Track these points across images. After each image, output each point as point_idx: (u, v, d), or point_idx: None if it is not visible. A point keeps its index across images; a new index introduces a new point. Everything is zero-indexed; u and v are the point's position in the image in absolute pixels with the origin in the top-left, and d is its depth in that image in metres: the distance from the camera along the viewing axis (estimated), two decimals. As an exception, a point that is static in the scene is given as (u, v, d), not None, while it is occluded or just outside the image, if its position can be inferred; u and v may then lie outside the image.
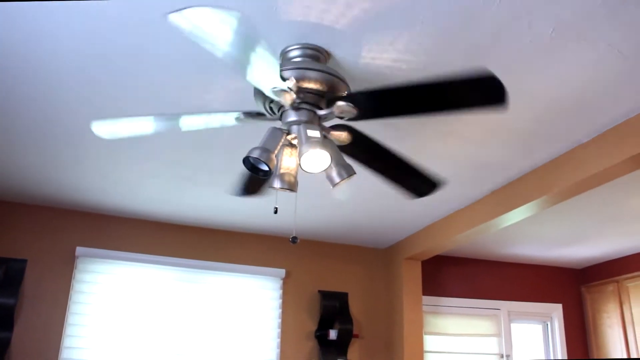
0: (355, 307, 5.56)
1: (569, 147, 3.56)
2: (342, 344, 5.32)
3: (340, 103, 2.31)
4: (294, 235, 4.00)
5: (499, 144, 3.49)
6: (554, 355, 6.43)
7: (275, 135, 2.38)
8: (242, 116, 2.43)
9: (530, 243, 5.72)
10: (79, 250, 4.79)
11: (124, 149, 3.63)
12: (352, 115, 2.37)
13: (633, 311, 5.96)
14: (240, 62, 2.00)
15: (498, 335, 6.14)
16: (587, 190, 3.70)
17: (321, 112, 2.38)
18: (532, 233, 5.37)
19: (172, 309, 4.94)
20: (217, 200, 4.54)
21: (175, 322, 4.92)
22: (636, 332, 5.90)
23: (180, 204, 4.64)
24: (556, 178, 3.69)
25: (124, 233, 4.99)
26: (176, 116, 2.39)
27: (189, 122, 2.43)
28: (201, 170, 3.95)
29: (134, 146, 3.58)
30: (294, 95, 2.26)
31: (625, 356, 5.99)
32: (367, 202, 4.52)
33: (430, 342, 5.75)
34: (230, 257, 5.25)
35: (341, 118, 2.41)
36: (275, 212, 2.60)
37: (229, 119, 2.43)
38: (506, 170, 3.92)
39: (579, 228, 5.25)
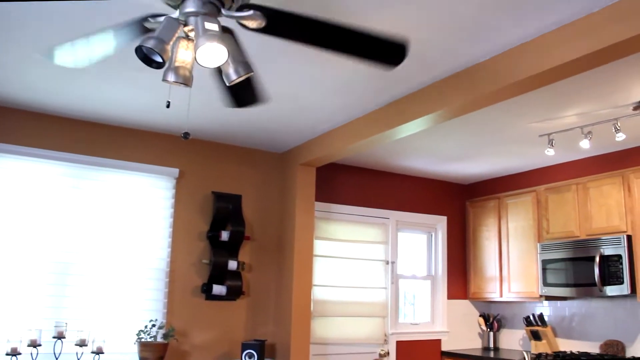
0: (248, 210, 5.60)
1: (467, 64, 3.63)
2: (234, 245, 5.38)
3: (252, 11, 2.23)
4: (186, 131, 3.86)
5: (400, 55, 3.50)
6: (435, 262, 6.82)
7: (171, 25, 2.25)
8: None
9: (421, 157, 5.91)
10: (-45, 137, 4.47)
11: (2, 29, 3.34)
12: (256, 26, 2.31)
13: (509, 226, 6.38)
14: None
15: (385, 242, 6.41)
16: (480, 108, 3.83)
17: (227, 12, 2.28)
18: (424, 147, 5.53)
19: (61, 206, 4.76)
20: (107, 93, 4.31)
21: (64, 219, 4.76)
22: (510, 245, 6.35)
23: (69, 95, 4.37)
24: (452, 94, 3.78)
25: (7, 124, 4.68)
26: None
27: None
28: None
29: (15, 27, 3.29)
30: None
31: (497, 266, 6.44)
32: (264, 105, 4.46)
33: (320, 246, 5.92)
34: (121, 154, 5.07)
35: (241, 24, 2.32)
36: (168, 106, 2.50)
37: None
38: (405, 82, 3.96)
39: (468, 145, 5.46)
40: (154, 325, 4.81)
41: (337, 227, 6.11)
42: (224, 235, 5.26)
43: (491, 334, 6.65)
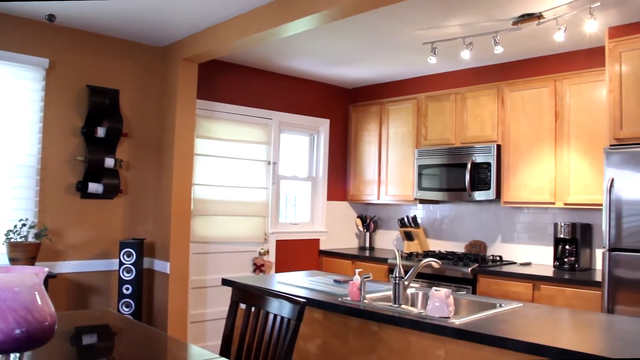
0: (127, 105, 5.34)
1: (357, -35, 3.54)
2: (111, 142, 5.16)
3: None
4: (50, 13, 3.42)
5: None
6: (317, 164, 6.92)
7: None
8: None
9: (307, 58, 5.83)
10: None
11: None
12: None
13: (390, 131, 6.55)
14: None
15: (267, 143, 6.39)
16: (367, 10, 3.78)
17: None
18: (310, 48, 5.45)
19: None
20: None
21: None
22: (389, 150, 6.54)
23: None
24: (341, -5, 3.70)
25: None
26: None
27: None
28: None
29: None
30: None
31: (376, 169, 6.65)
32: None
33: (201, 145, 5.80)
34: (-18, 39, 4.61)
35: None
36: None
37: None
38: (294, -19, 3.83)
39: (354, 49, 5.44)
40: (24, 225, 4.59)
41: (219, 126, 6.00)
42: (100, 132, 5.02)
43: (367, 234, 6.95)
